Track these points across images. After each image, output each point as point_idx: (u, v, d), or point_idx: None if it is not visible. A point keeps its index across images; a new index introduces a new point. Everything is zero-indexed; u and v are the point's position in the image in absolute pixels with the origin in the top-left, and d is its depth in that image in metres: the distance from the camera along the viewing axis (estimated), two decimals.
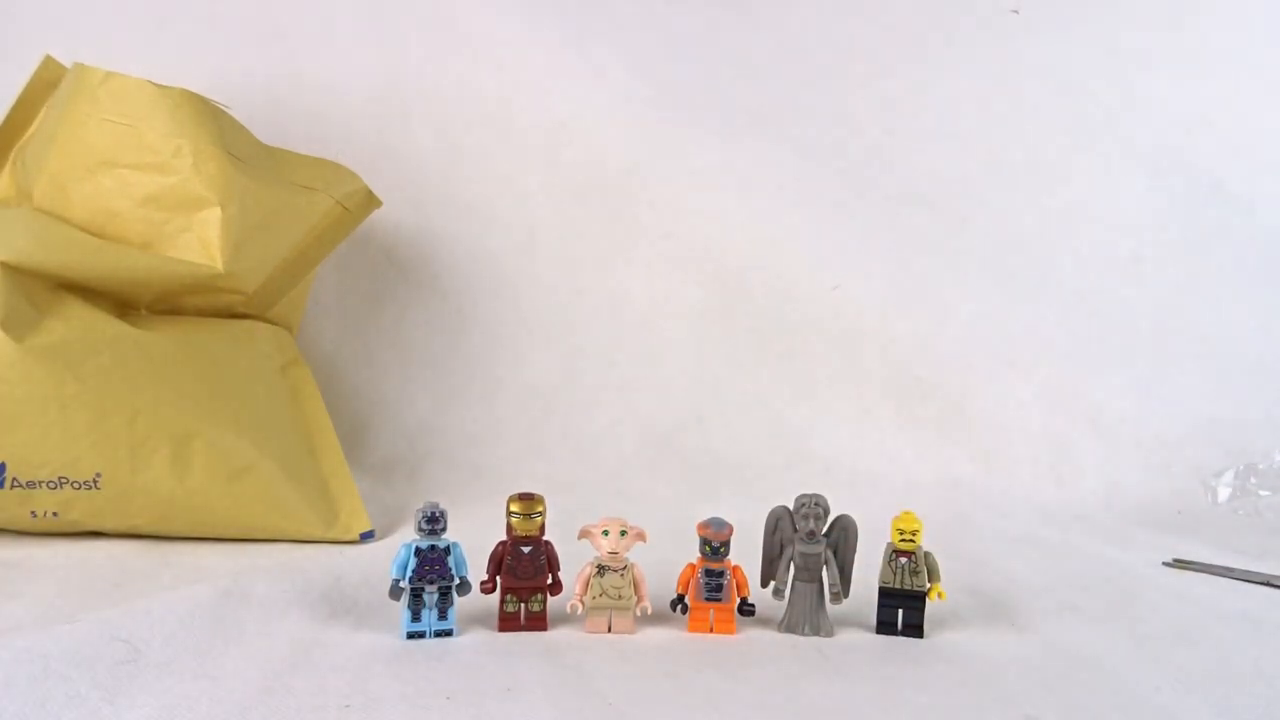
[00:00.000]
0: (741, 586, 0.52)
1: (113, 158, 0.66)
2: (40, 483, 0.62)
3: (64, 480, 0.62)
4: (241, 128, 0.72)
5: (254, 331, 0.75)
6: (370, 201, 0.80)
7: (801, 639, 0.51)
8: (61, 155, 0.67)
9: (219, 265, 0.68)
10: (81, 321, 0.65)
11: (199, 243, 0.68)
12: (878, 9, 1.00)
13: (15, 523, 0.64)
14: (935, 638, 0.52)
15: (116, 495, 0.63)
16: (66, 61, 0.73)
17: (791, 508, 0.53)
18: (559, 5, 0.98)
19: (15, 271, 0.63)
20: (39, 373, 0.62)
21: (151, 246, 0.67)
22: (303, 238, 0.76)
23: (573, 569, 0.52)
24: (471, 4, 0.97)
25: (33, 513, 0.63)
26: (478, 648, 0.48)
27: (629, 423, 0.93)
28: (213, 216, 0.67)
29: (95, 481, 0.63)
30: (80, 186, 0.67)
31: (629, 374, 0.95)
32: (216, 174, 0.67)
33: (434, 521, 0.50)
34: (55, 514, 0.63)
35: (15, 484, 0.62)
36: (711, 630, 0.52)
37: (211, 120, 0.68)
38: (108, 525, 0.65)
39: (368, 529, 0.69)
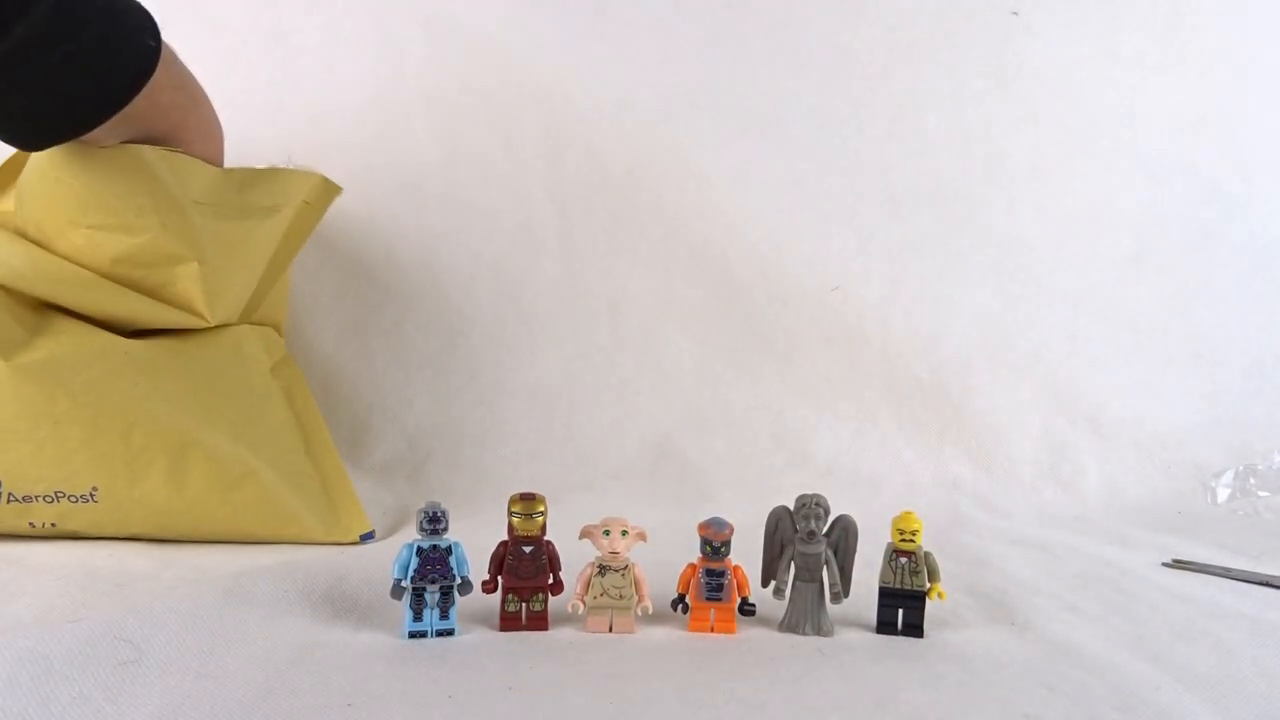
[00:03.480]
0: (742, 586, 0.52)
1: (77, 218, 0.63)
2: (36, 497, 0.62)
3: (60, 494, 0.62)
4: (193, 164, 0.66)
5: (241, 336, 0.73)
6: (329, 188, 0.77)
7: (802, 638, 0.51)
8: (36, 207, 0.64)
9: (207, 318, 0.67)
10: (70, 337, 0.64)
11: (182, 296, 0.66)
12: (878, 9, 1.00)
13: (14, 533, 0.64)
14: (935, 637, 0.52)
15: (114, 508, 0.63)
16: None
17: (792, 508, 0.53)
18: (560, 5, 0.98)
19: (2, 290, 0.63)
20: (29, 390, 0.62)
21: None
22: (273, 251, 0.75)
23: (574, 569, 0.52)
24: (471, 4, 0.97)
25: (31, 523, 0.63)
26: (479, 647, 0.49)
27: (630, 423, 0.93)
28: (191, 272, 0.65)
29: (92, 495, 0.63)
30: (57, 242, 0.64)
31: (630, 374, 0.95)
32: (184, 227, 0.64)
33: (435, 521, 0.50)
34: (54, 524, 0.63)
35: (11, 499, 0.62)
36: (712, 630, 0.52)
37: (167, 171, 0.64)
38: (107, 535, 0.65)
39: (368, 529, 0.69)
